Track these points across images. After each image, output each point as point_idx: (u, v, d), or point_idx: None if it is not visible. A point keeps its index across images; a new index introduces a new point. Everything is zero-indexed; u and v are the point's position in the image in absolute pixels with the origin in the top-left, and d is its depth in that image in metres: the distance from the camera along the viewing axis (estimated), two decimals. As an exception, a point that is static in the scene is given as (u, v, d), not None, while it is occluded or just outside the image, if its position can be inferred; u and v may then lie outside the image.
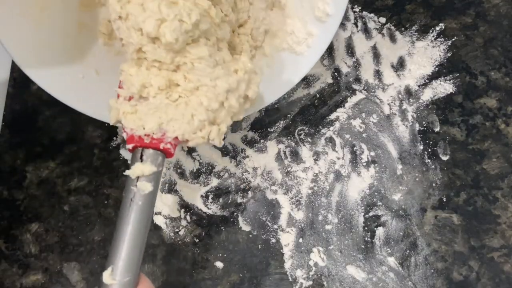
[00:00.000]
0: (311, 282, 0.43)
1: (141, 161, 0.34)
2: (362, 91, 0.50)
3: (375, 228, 0.44)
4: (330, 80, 0.50)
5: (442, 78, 0.50)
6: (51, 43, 0.40)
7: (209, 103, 0.36)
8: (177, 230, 0.45)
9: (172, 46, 0.34)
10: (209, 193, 0.47)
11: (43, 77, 0.40)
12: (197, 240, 0.45)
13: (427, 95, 0.50)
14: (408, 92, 0.50)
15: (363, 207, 0.45)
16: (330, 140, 0.48)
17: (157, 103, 0.36)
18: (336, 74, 0.51)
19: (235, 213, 0.46)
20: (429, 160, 0.47)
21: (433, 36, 0.52)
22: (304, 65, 0.42)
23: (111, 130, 0.50)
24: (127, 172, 0.34)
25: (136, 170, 0.34)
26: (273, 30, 0.44)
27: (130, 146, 0.35)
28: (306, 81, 0.50)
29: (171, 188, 0.47)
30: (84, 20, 0.42)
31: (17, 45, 0.38)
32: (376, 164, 0.47)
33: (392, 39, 0.53)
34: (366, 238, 0.44)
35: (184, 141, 0.37)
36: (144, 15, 0.33)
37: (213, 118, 0.36)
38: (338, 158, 0.48)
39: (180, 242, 0.45)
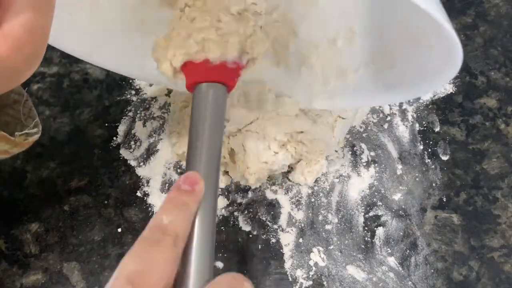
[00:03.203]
0: (311, 282, 0.42)
1: None
2: (362, 91, 0.50)
3: (375, 228, 0.44)
4: (330, 80, 0.50)
5: (442, 78, 0.50)
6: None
7: None
8: (177, 230, 0.45)
9: None
10: (209, 193, 0.47)
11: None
12: (197, 240, 0.45)
13: (427, 95, 0.50)
14: (408, 92, 0.50)
15: (363, 207, 0.45)
16: (330, 140, 0.48)
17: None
18: (336, 74, 0.51)
19: (235, 213, 0.46)
20: (429, 160, 0.47)
21: (433, 36, 0.52)
22: None
23: (111, 130, 0.50)
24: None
25: None
26: None
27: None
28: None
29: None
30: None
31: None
32: (376, 164, 0.47)
33: (392, 39, 0.53)
34: (366, 238, 0.44)
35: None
36: None
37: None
38: (338, 158, 0.48)
39: (180, 242, 0.45)
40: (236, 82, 0.34)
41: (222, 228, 0.45)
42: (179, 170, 0.48)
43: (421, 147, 0.47)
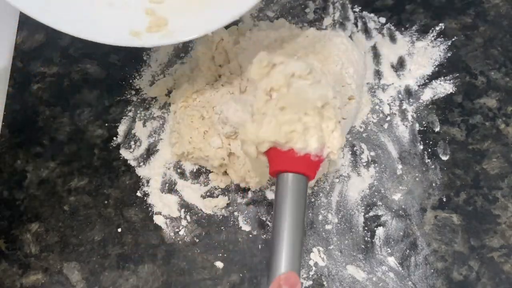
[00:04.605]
0: (311, 282, 0.43)
1: None
2: (362, 91, 0.50)
3: (375, 228, 0.44)
4: (330, 80, 0.50)
5: (442, 78, 0.50)
6: None
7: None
8: (177, 230, 0.45)
9: None
10: (209, 193, 0.47)
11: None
12: (197, 240, 0.45)
13: (427, 95, 0.50)
14: (408, 92, 0.50)
15: (363, 207, 0.45)
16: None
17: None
18: (336, 74, 0.51)
19: (235, 213, 0.46)
20: (429, 160, 0.47)
21: (433, 36, 0.52)
22: None
23: (111, 130, 0.50)
24: None
25: None
26: None
27: None
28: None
29: (171, 188, 0.47)
30: None
31: None
32: (376, 164, 0.47)
33: (392, 39, 0.53)
34: (366, 238, 0.44)
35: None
36: None
37: None
38: (338, 158, 0.48)
39: (180, 242, 0.45)
40: (316, 174, 0.36)
41: (222, 228, 0.45)
42: (179, 170, 0.48)
43: (421, 147, 0.48)
